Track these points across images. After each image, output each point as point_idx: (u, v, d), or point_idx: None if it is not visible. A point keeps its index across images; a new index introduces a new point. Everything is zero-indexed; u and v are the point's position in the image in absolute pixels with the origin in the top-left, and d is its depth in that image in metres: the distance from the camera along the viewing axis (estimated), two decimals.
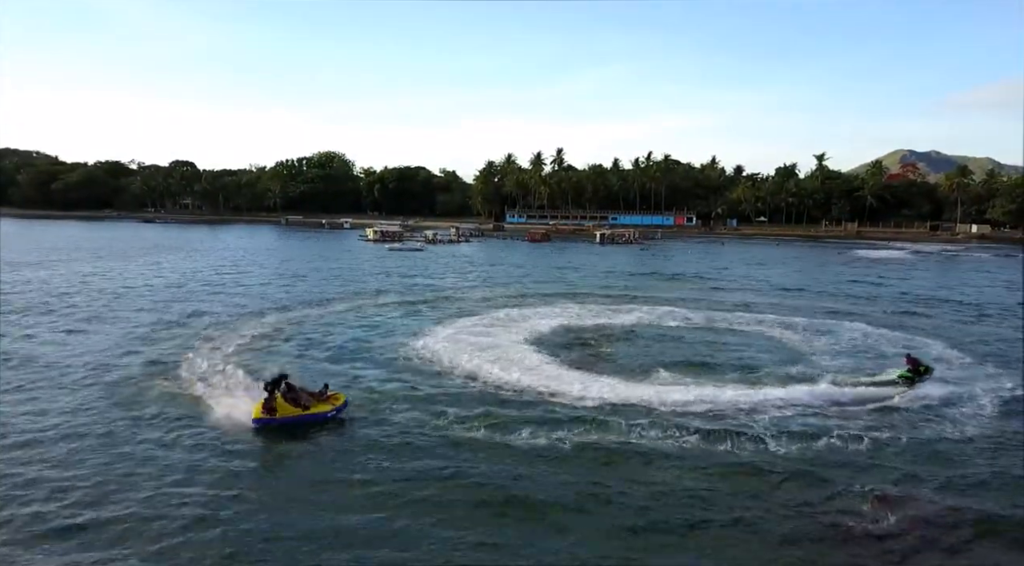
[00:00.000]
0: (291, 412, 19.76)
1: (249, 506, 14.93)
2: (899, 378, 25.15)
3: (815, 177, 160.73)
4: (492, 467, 16.96)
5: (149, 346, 29.50)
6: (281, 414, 19.67)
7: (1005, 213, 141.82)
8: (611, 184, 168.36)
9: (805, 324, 36.19)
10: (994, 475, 16.98)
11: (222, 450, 18.08)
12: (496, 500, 15.36)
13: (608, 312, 39.11)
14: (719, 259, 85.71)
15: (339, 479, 16.40)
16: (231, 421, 19.85)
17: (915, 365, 25.59)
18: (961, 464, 17.69)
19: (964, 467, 17.49)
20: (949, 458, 18.04)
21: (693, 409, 21.34)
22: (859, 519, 14.53)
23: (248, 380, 22.99)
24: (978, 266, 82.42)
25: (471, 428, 19.58)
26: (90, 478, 16.08)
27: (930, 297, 50.92)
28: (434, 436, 19.04)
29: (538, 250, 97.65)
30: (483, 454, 17.76)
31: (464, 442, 18.62)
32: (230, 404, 20.76)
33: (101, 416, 20.50)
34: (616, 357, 28.59)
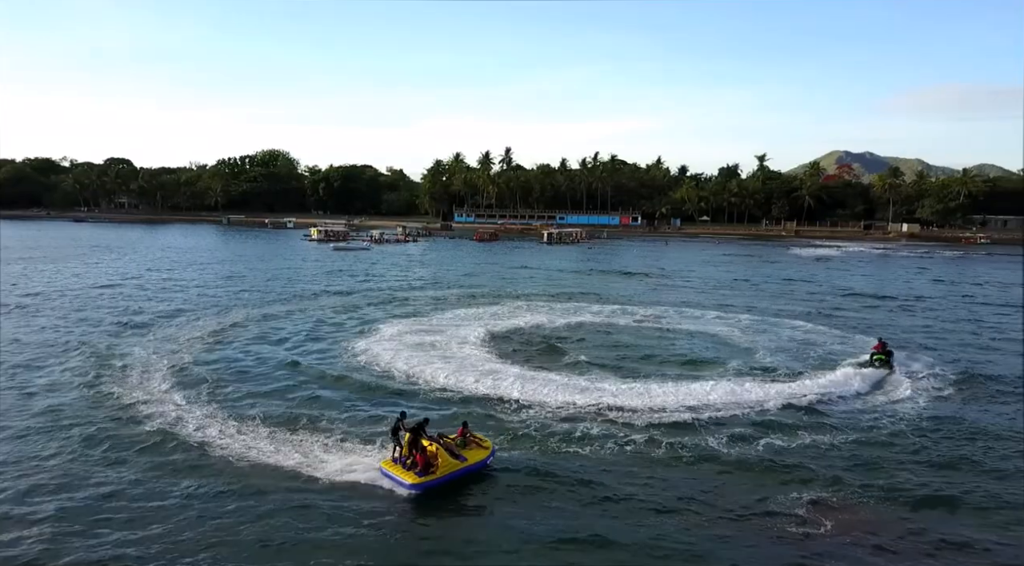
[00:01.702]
0: (452, 466, 16.18)
1: None
2: (876, 361, 27.13)
3: (756, 177, 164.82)
4: None
5: (81, 359, 28.27)
6: (444, 471, 16.02)
7: (933, 212, 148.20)
8: (559, 184, 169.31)
9: (748, 322, 37.11)
10: (929, 469, 17.68)
11: None
12: (435, 510, 15.12)
13: (557, 312, 39.27)
14: (664, 258, 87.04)
15: None
16: (356, 489, 15.98)
17: (884, 347, 27.56)
18: (895, 462, 18.32)
19: (898, 465, 18.13)
20: (884, 456, 18.64)
21: (641, 409, 21.45)
22: (795, 521, 14.77)
23: (223, 412, 20.77)
24: (907, 264, 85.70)
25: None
26: None
27: (865, 294, 52.85)
28: (372, 441, 18.59)
29: (487, 250, 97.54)
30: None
31: None
32: (311, 460, 17.20)
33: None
34: (563, 357, 28.65)
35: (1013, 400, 24.05)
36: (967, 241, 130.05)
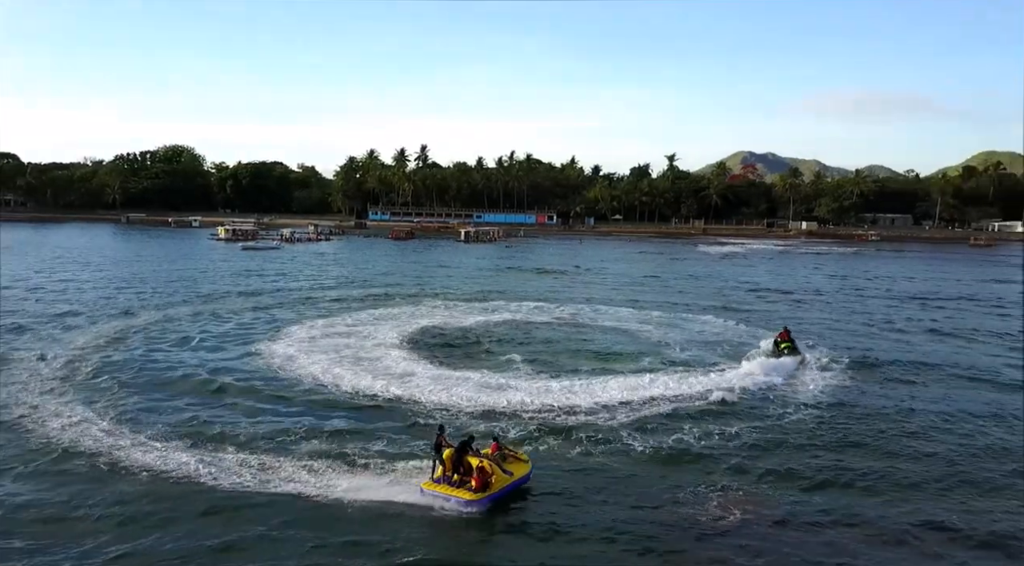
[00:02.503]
0: (503, 480, 15.50)
1: None
2: (783, 349, 28.44)
3: (666, 177, 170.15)
4: (330, 483, 15.86)
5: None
6: (497, 487, 15.30)
7: (829, 211, 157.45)
8: (476, 182, 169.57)
9: (660, 317, 38.19)
10: (831, 452, 18.65)
11: None
12: (313, 518, 14.72)
13: (475, 310, 39.25)
14: (579, 256, 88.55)
15: None
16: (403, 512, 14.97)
17: (788, 335, 29.24)
18: (800, 447, 19.19)
19: (803, 449, 19.00)
20: (790, 442, 19.50)
21: (557, 407, 21.47)
22: (706, 510, 15.16)
23: (126, 423, 19.29)
24: (806, 260, 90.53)
25: (323, 443, 18.31)
26: None
27: (769, 289, 55.52)
28: (287, 450, 17.92)
29: (403, 248, 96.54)
30: (330, 470, 16.59)
31: (317, 457, 17.56)
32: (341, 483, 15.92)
33: None
34: (481, 356, 28.58)
35: (902, 385, 25.82)
36: (860, 238, 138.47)
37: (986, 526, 14.84)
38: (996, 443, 19.87)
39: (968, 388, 25.94)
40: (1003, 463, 18.41)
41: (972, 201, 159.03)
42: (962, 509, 15.61)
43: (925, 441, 19.82)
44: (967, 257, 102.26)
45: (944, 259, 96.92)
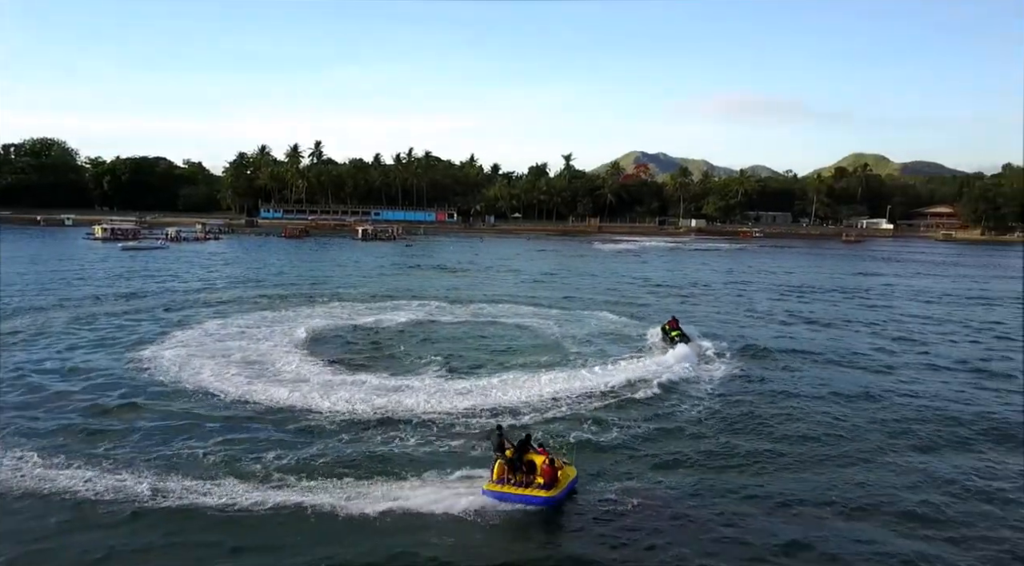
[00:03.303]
0: (566, 478, 15.57)
1: None
2: (675, 338, 30.07)
3: (563, 176, 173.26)
4: (229, 494, 15.25)
5: None
6: (563, 484, 15.33)
7: (717, 209, 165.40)
8: (373, 179, 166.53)
9: (559, 314, 38.82)
10: (724, 435, 19.50)
11: None
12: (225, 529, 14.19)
13: (374, 310, 38.48)
14: (480, 254, 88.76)
15: None
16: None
17: (677, 324, 31.22)
18: (695, 434, 20.00)
19: (697, 435, 19.82)
20: (686, 429, 20.33)
21: (458, 409, 21.18)
22: (606, 503, 15.46)
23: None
24: (696, 256, 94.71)
25: (209, 454, 17.48)
26: None
27: (661, 284, 57.69)
28: (152, 464, 16.87)
29: (297, 247, 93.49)
30: (219, 480, 15.85)
31: (208, 469, 16.80)
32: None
33: None
34: (380, 358, 27.99)
35: (786, 371, 27.58)
36: (744, 235, 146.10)
37: (862, 496, 16.18)
38: (869, 419, 21.76)
39: (843, 372, 28.09)
40: (875, 437, 20.27)
41: (843, 200, 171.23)
42: (841, 479, 17.16)
43: (807, 422, 21.38)
44: (840, 252, 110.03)
45: (819, 254, 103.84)
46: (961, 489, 16.89)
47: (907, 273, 75.86)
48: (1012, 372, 28.74)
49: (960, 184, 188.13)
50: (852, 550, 13.98)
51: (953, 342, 35.16)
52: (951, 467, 18.28)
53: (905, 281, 66.59)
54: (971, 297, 54.56)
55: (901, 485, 17.01)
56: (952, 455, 19.22)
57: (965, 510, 15.81)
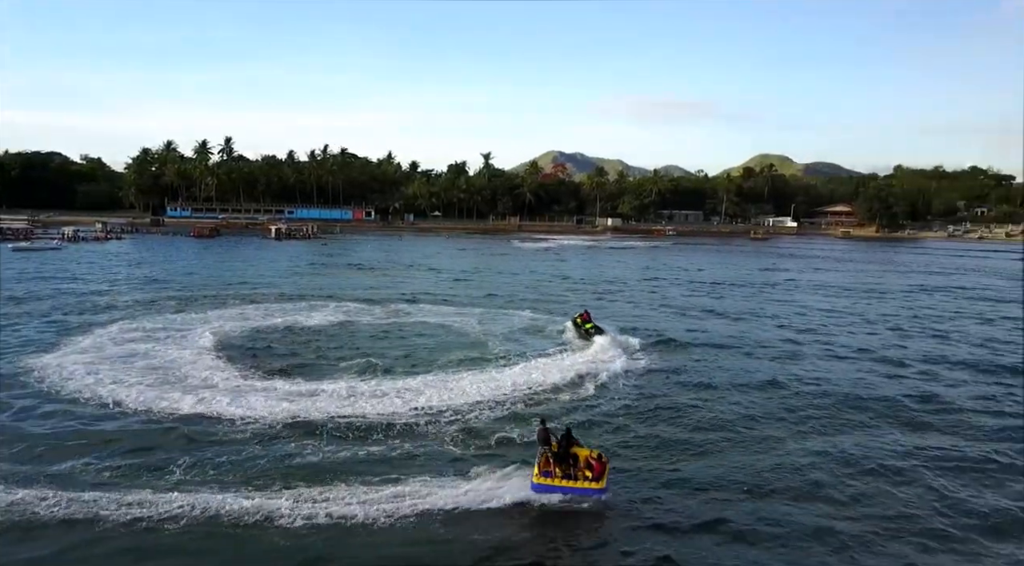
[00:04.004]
0: (606, 469, 15.80)
1: None
2: (590, 330, 31.61)
3: (482, 175, 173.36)
4: (132, 505, 14.54)
5: None
6: (606, 476, 15.58)
7: (632, 208, 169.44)
8: (287, 177, 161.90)
9: (481, 312, 38.77)
10: (643, 423, 19.99)
11: None
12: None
13: (290, 312, 37.30)
14: (400, 253, 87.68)
15: None
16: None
17: (589, 317, 32.72)
18: (618, 433, 20.44)
19: (622, 434, 20.26)
20: (607, 429, 20.73)
21: (374, 414, 20.64)
22: (532, 501, 15.53)
23: None
24: (612, 254, 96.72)
25: (104, 469, 16.56)
26: None
27: (579, 280, 58.68)
28: (44, 480, 15.93)
29: (207, 247, 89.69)
30: (119, 494, 15.09)
31: (103, 483, 15.94)
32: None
33: None
34: (297, 362, 27.15)
35: (700, 362, 28.64)
36: (658, 233, 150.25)
37: (771, 477, 17.07)
38: (778, 405, 23.03)
39: (753, 362, 29.49)
40: (783, 422, 21.49)
41: (751, 199, 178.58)
42: (752, 462, 18.07)
43: (721, 409, 22.46)
44: (748, 249, 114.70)
45: (729, 251, 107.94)
46: (859, 467, 18.10)
47: (810, 268, 79.91)
48: (905, 359, 30.73)
49: (856, 184, 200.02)
50: (760, 527, 14.79)
51: (852, 333, 37.25)
52: (852, 447, 19.48)
53: (808, 276, 70.11)
54: (867, 290, 57.97)
55: (806, 465, 18.06)
56: (852, 436, 20.47)
57: (862, 486, 16.97)
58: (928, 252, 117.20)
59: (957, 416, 22.70)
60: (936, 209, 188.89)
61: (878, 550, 14.17)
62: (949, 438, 20.64)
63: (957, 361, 30.70)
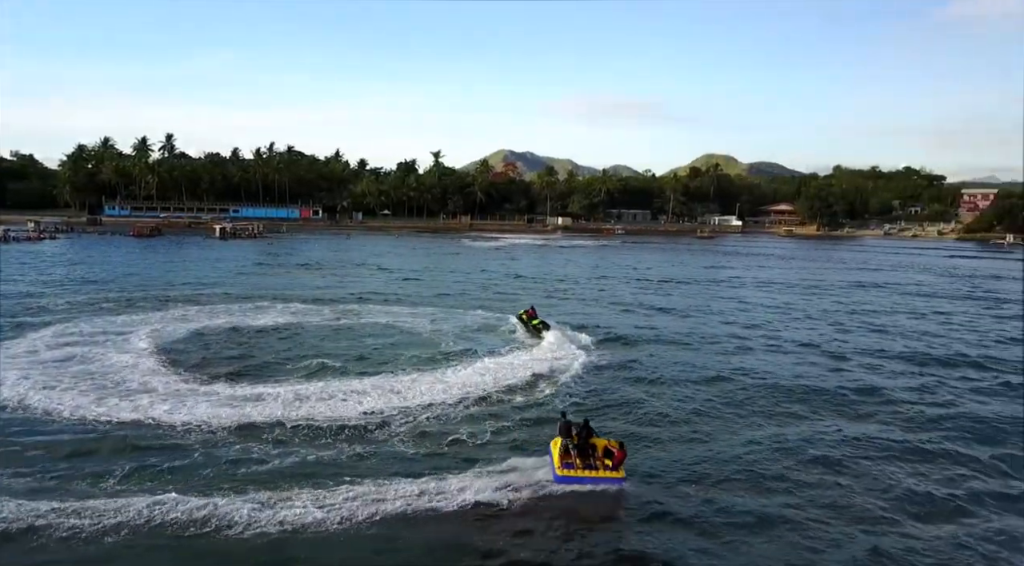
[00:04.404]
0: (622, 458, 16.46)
1: None
2: (537, 325, 32.66)
3: (433, 173, 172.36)
4: (69, 514, 14.05)
5: None
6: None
7: (581, 207, 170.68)
8: (231, 175, 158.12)
9: (433, 312, 38.56)
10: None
11: None
12: None
13: (236, 314, 36.40)
14: (348, 252, 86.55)
15: None
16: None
17: (535, 313, 34.00)
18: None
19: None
20: (552, 412, 20.73)
21: (322, 418, 20.12)
22: (488, 501, 15.46)
23: None
24: (563, 252, 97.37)
25: (42, 475, 15.96)
26: None
27: (530, 278, 58.93)
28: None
29: (147, 247, 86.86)
30: (55, 503, 14.53)
31: (35, 491, 15.34)
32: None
33: None
34: (242, 365, 26.41)
35: (648, 357, 29.36)
36: (608, 232, 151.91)
37: (718, 466, 17.54)
38: (723, 398, 23.70)
39: (700, 356, 30.20)
40: (729, 413, 22.20)
41: (697, 198, 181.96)
42: (699, 453, 18.59)
43: (670, 403, 23.03)
44: (695, 247, 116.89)
45: (677, 249, 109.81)
46: (802, 456, 18.79)
47: (754, 266, 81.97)
48: (845, 353, 31.82)
49: (799, 184, 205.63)
50: (708, 515, 15.25)
51: (794, 328, 38.34)
52: (795, 437, 20.19)
53: (752, 273, 71.88)
54: (808, 287, 59.75)
55: (751, 455, 18.66)
56: (796, 427, 21.18)
57: (804, 474, 17.62)
58: (866, 249, 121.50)
59: (893, 406, 23.60)
60: (873, 208, 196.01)
61: (818, 534, 14.72)
62: (886, 427, 21.47)
63: (893, 354, 31.92)
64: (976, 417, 22.71)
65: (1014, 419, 22.58)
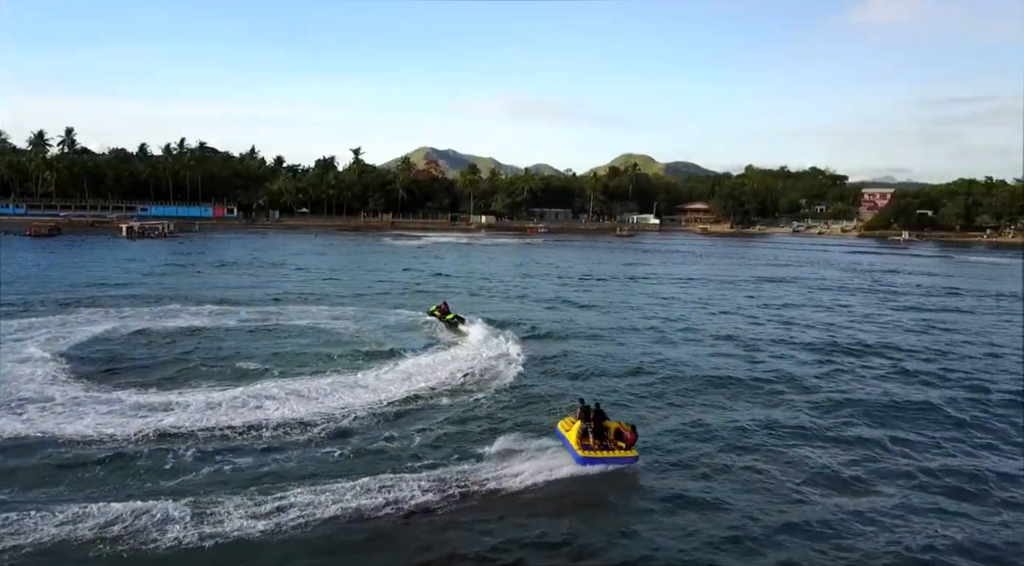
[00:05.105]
0: None
1: None
2: (452, 319, 33.83)
3: (352, 170, 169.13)
4: None
5: None
6: None
7: (504, 206, 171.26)
8: (139, 172, 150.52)
9: (355, 312, 37.79)
10: (517, 407, 20.24)
11: None
12: None
13: (146, 317, 34.62)
14: (264, 251, 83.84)
15: None
16: None
17: (448, 308, 35.11)
18: (492, 422, 20.62)
19: (497, 430, 20.37)
20: (481, 419, 20.92)
21: (236, 426, 19.25)
22: (413, 500, 15.30)
23: None
24: (486, 251, 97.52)
25: None
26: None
27: (453, 276, 58.90)
28: None
29: (46, 247, 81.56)
30: None
31: None
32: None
33: None
34: (151, 371, 24.99)
35: (571, 349, 30.04)
36: (531, 231, 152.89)
37: (642, 437, 17.88)
38: (644, 389, 24.53)
39: (620, 349, 31.11)
40: (649, 402, 23.12)
41: (617, 197, 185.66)
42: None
43: (592, 394, 22.57)
44: (615, 245, 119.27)
45: (597, 247, 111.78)
46: (720, 439, 19.79)
47: (671, 263, 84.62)
48: (757, 343, 33.29)
49: (713, 183, 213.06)
50: (634, 499, 16.07)
51: (710, 320, 39.83)
52: (714, 422, 21.08)
53: (670, 270, 74.16)
54: (722, 282, 62.16)
55: (674, 441, 19.51)
56: (713, 413, 22.07)
57: (724, 456, 18.53)
58: (776, 246, 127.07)
59: (804, 393, 24.86)
60: (782, 206, 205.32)
61: (736, 510, 15.58)
62: (797, 412, 22.68)
63: (802, 344, 33.54)
64: (877, 401, 24.14)
65: (910, 402, 24.15)
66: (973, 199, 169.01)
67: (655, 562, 13.58)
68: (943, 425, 22.00)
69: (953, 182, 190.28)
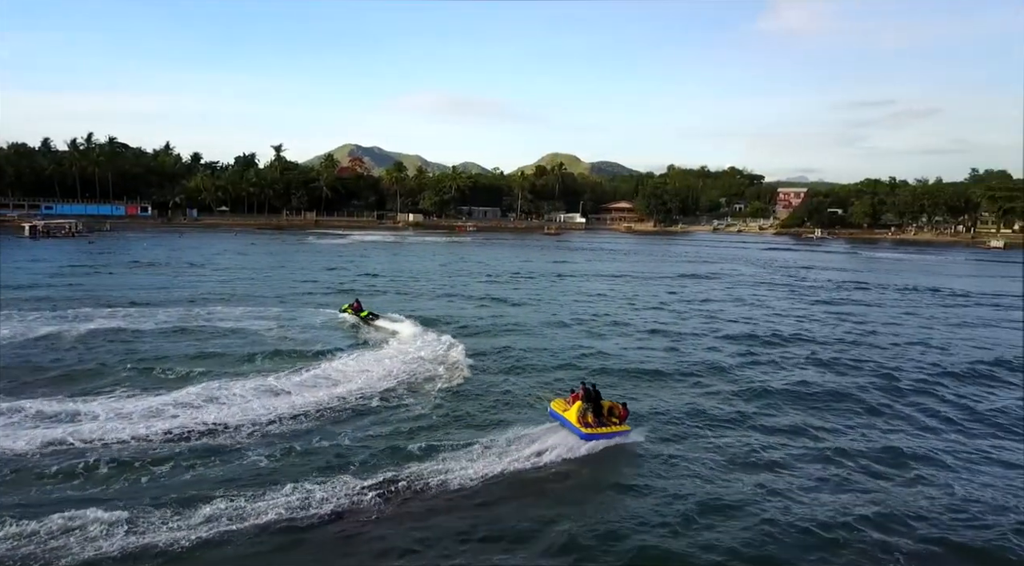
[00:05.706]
0: None
1: None
2: (366, 316, 34.38)
3: (274, 167, 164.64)
4: None
5: None
6: None
7: (432, 204, 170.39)
8: (42, 167, 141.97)
9: (276, 313, 36.70)
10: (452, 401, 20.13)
11: None
12: None
13: (52, 320, 32.53)
14: (181, 251, 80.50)
15: None
16: None
17: (360, 306, 35.31)
18: (425, 421, 20.48)
19: (439, 423, 20.29)
20: (420, 427, 20.70)
21: (162, 432, 18.42)
22: (342, 504, 15.02)
23: None
24: (416, 249, 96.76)
25: None
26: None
27: (381, 276, 58.23)
28: None
29: None
30: None
31: None
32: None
33: None
34: (58, 378, 23.61)
35: (502, 347, 30.00)
36: (460, 229, 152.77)
37: None
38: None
39: (550, 343, 31.73)
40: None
41: (544, 196, 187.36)
42: None
43: (525, 389, 23.89)
44: (543, 243, 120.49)
45: (526, 245, 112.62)
46: (649, 427, 20.30)
47: (597, 259, 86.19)
48: (681, 334, 34.40)
49: (636, 182, 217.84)
50: (571, 487, 15.93)
51: (637, 315, 40.71)
52: (643, 410, 21.67)
53: (596, 266, 75.67)
54: (647, 278, 63.82)
55: None
56: (642, 401, 22.62)
57: (652, 444, 18.96)
58: (697, 244, 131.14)
59: (726, 381, 25.83)
60: (703, 205, 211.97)
61: (654, 491, 16.30)
62: (719, 398, 23.64)
63: (723, 336, 34.79)
64: (794, 389, 25.26)
65: (825, 389, 25.39)
66: (879, 198, 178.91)
67: (583, 543, 13.91)
68: (855, 410, 23.18)
69: (860, 182, 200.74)
